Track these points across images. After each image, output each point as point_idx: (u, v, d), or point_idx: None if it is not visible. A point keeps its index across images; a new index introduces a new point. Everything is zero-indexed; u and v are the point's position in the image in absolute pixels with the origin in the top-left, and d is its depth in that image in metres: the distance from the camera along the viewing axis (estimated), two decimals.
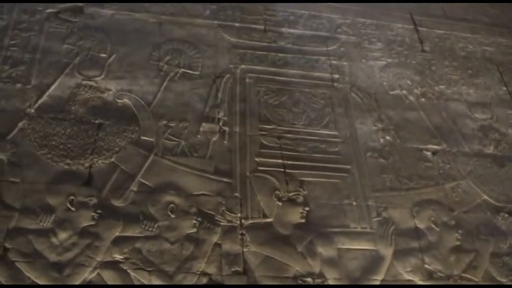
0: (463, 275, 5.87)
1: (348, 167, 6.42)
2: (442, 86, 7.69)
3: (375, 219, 6.06)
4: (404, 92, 7.42)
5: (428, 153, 6.82)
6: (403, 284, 5.71)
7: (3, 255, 5.19)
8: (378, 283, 5.65)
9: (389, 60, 7.84)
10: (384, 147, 6.71)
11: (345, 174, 6.34)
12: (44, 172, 5.73)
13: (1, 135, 5.89)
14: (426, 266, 5.87)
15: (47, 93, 6.33)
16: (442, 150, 6.90)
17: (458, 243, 6.13)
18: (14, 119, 6.04)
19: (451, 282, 5.81)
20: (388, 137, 6.80)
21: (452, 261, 5.99)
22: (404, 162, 6.64)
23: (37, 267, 5.17)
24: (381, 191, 6.30)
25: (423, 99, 7.42)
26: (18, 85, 6.33)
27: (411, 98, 7.37)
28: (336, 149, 6.55)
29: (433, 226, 6.18)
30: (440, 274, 5.86)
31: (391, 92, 7.39)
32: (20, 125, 6.00)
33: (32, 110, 6.15)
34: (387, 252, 5.86)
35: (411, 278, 5.77)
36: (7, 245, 5.24)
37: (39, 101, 6.25)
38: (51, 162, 5.80)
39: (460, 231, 6.20)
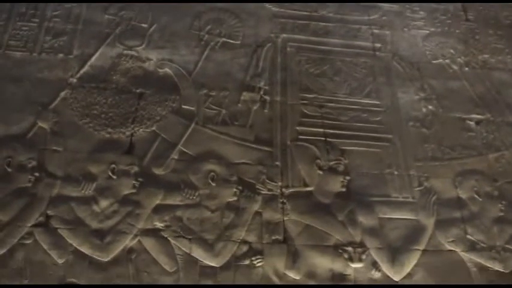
0: (505, 246, 5.79)
1: (390, 136, 6.36)
2: (486, 55, 7.51)
3: (417, 189, 6.00)
4: (447, 61, 7.29)
5: (472, 123, 6.70)
6: (446, 252, 5.67)
7: (46, 222, 5.31)
8: (419, 253, 5.61)
9: (432, 29, 7.69)
10: (426, 117, 6.62)
11: (386, 144, 6.29)
12: (86, 141, 5.83)
13: (44, 104, 6.02)
14: (468, 236, 5.80)
15: (89, 63, 6.43)
16: (485, 120, 6.77)
17: (501, 214, 6.03)
18: (56, 88, 6.17)
19: (493, 252, 5.72)
20: (430, 107, 6.70)
21: (495, 232, 5.90)
22: (446, 132, 6.54)
23: (79, 234, 5.29)
24: (422, 161, 6.23)
25: (466, 69, 7.27)
26: (61, 55, 6.44)
27: (454, 67, 7.24)
28: (378, 119, 6.48)
29: (476, 196, 6.09)
30: (482, 245, 5.78)
31: (434, 61, 7.26)
32: (62, 94, 6.11)
33: (74, 80, 6.24)
34: (429, 222, 5.81)
35: (453, 249, 5.72)
36: (50, 212, 5.38)
37: (81, 71, 6.35)
38: (92, 131, 5.90)
39: (503, 202, 6.10)
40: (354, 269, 5.45)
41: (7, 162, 5.57)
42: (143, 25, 6.88)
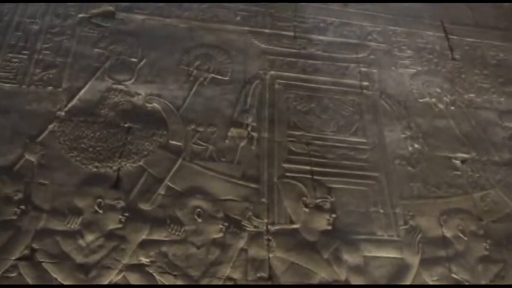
0: (490, 284, 5.79)
1: (376, 174, 6.39)
2: (472, 94, 7.59)
3: (402, 227, 6.01)
4: (433, 99, 7.36)
5: (457, 162, 6.75)
6: None
7: (30, 256, 5.27)
8: None
9: (419, 68, 7.79)
10: (413, 155, 6.66)
11: (372, 182, 6.31)
12: (73, 174, 5.81)
13: (31, 137, 6.00)
14: (453, 275, 5.80)
15: (78, 97, 6.43)
16: (471, 159, 6.82)
17: (486, 253, 6.04)
18: (44, 121, 6.16)
19: None
20: (416, 145, 6.75)
21: (479, 271, 5.91)
22: (432, 170, 6.58)
23: (64, 268, 5.24)
24: (408, 199, 6.26)
25: (453, 107, 7.34)
26: (50, 88, 6.45)
27: (440, 105, 7.31)
28: (364, 156, 6.52)
29: (461, 235, 6.10)
30: (467, 283, 5.78)
31: (421, 100, 7.33)
32: (51, 127, 6.11)
33: (63, 113, 6.25)
34: (414, 260, 5.81)
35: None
36: (35, 245, 5.32)
37: (70, 104, 6.35)
38: (80, 165, 5.88)
39: (488, 241, 6.11)
40: None
41: None
42: (132, 59, 6.91)
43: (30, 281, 5.13)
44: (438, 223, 6.15)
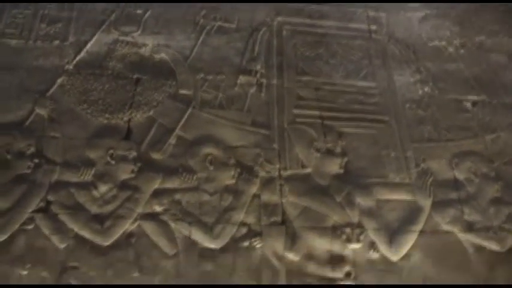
0: (502, 226, 5.81)
1: (386, 118, 6.38)
2: (482, 37, 7.51)
3: (414, 170, 6.03)
4: (443, 43, 7.29)
5: (468, 105, 6.71)
6: (443, 233, 5.72)
7: (46, 208, 5.35)
8: (416, 234, 5.64)
9: (428, 11, 7.67)
10: (423, 99, 6.63)
11: (383, 126, 6.31)
12: (84, 127, 5.85)
13: (41, 91, 6.03)
14: (465, 217, 5.83)
15: (85, 50, 6.43)
16: (481, 102, 6.78)
17: (497, 194, 6.06)
18: (52, 75, 6.18)
19: (490, 233, 5.76)
20: (426, 89, 6.72)
21: (491, 213, 5.93)
22: (443, 113, 6.56)
23: (79, 219, 5.32)
24: (419, 142, 6.26)
25: (463, 50, 7.27)
26: (56, 42, 6.45)
27: (450, 49, 7.25)
28: (374, 101, 6.50)
29: (473, 177, 6.11)
30: (479, 225, 5.81)
31: (430, 44, 7.27)
32: (59, 81, 6.12)
33: (71, 67, 6.26)
34: (426, 203, 5.83)
35: (450, 229, 5.76)
36: (50, 198, 5.40)
37: (77, 58, 6.35)
38: (90, 117, 5.92)
39: (499, 183, 6.13)
40: (352, 249, 5.49)
41: (6, 150, 5.58)
42: (138, 11, 6.86)
43: (47, 233, 5.23)
44: (449, 166, 6.16)
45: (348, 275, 5.39)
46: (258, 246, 5.37)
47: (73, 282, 5.08)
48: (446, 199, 5.93)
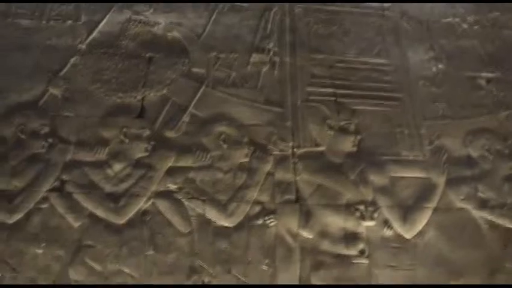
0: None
1: (400, 95, 6.34)
2: (496, 13, 7.42)
3: (428, 148, 6.01)
4: (457, 19, 7.21)
5: (482, 82, 6.66)
6: (457, 210, 5.72)
7: (60, 187, 5.40)
8: (430, 211, 5.65)
9: None
10: (436, 76, 6.58)
11: (396, 103, 6.27)
12: (97, 106, 5.87)
13: (54, 71, 6.04)
14: (479, 194, 5.82)
15: (97, 29, 6.41)
16: (496, 79, 6.71)
17: None
18: (65, 55, 6.18)
19: (504, 210, 5.76)
20: (440, 66, 6.66)
21: (506, 190, 5.92)
22: (457, 90, 6.51)
23: (93, 198, 5.38)
24: (433, 120, 6.22)
25: (476, 27, 7.20)
26: (69, 22, 6.43)
27: (464, 25, 7.16)
28: (388, 78, 6.45)
29: (487, 155, 6.08)
30: (493, 202, 5.81)
31: (443, 20, 7.18)
32: (72, 61, 6.13)
33: (83, 46, 6.25)
34: (440, 180, 5.82)
35: (464, 206, 5.76)
36: (64, 177, 5.46)
37: (90, 37, 6.35)
38: (103, 96, 5.93)
39: None
40: (366, 227, 5.51)
41: (20, 129, 5.62)
42: None
43: (61, 211, 5.29)
44: (463, 143, 6.13)
45: (361, 252, 5.41)
46: (272, 224, 5.39)
47: (88, 260, 5.14)
48: (460, 176, 5.91)
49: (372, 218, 5.52)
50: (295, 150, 5.79)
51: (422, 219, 5.61)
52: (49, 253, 5.16)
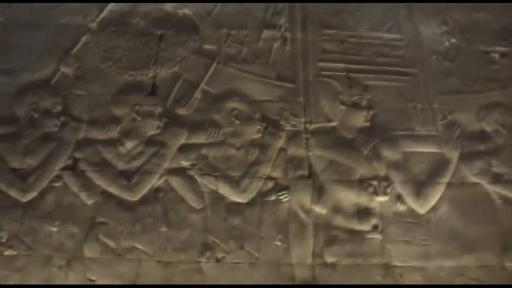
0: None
1: (412, 70, 6.28)
2: None
3: (440, 122, 5.96)
4: None
5: (496, 56, 6.56)
6: (471, 185, 5.68)
7: (73, 165, 5.47)
8: (443, 186, 5.62)
9: None
10: (449, 50, 6.51)
11: (409, 78, 6.22)
12: (109, 84, 5.92)
13: (65, 50, 6.10)
14: (493, 169, 5.77)
15: (108, 8, 6.41)
16: (509, 52, 6.60)
17: None
18: (76, 34, 6.23)
19: None
20: (453, 40, 6.58)
21: None
22: (470, 64, 6.44)
23: (106, 175, 5.43)
24: (446, 94, 6.16)
25: None
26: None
27: None
28: (400, 53, 6.39)
29: (500, 129, 6.02)
30: (507, 177, 5.75)
31: None
32: (83, 39, 6.17)
33: (94, 24, 6.28)
34: (453, 155, 5.79)
35: (478, 181, 5.71)
36: (77, 155, 5.53)
37: (101, 15, 6.35)
38: (115, 75, 5.98)
39: None
40: (379, 202, 5.51)
41: (33, 108, 5.68)
42: None
43: (75, 189, 5.37)
44: (477, 118, 6.07)
45: (375, 227, 5.42)
46: (285, 200, 5.41)
47: (101, 237, 5.21)
48: (473, 151, 5.87)
49: (385, 193, 5.52)
50: (307, 125, 5.78)
51: (436, 194, 5.59)
52: (63, 231, 5.23)
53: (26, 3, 6.36)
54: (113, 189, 5.37)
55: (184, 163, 5.50)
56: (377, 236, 5.39)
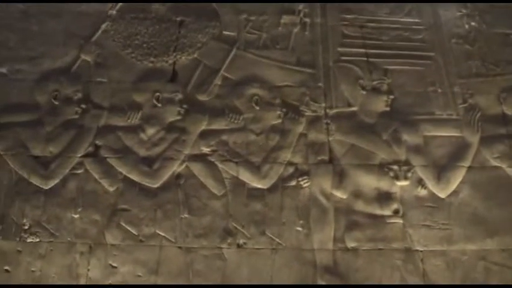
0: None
1: (432, 54, 6.26)
2: None
3: (461, 106, 5.94)
4: None
5: None
6: (492, 168, 5.66)
7: (95, 152, 5.50)
8: (464, 170, 5.61)
9: None
10: (470, 33, 6.47)
11: (429, 62, 6.20)
12: (129, 71, 5.94)
13: (85, 37, 6.13)
14: None
15: None
16: None
17: None
18: (96, 21, 6.26)
19: None
20: (473, 23, 6.55)
21: None
22: (490, 48, 6.40)
23: (128, 162, 5.46)
24: (466, 78, 6.13)
25: None
26: None
27: None
28: (420, 37, 6.37)
29: None
30: None
31: None
32: (103, 27, 6.19)
33: (114, 12, 6.29)
34: (474, 138, 5.77)
35: (498, 165, 5.69)
36: (98, 142, 5.56)
37: (120, 3, 6.34)
38: (135, 61, 5.99)
39: None
40: (400, 187, 5.50)
41: (54, 96, 5.71)
42: None
43: (96, 176, 5.41)
44: (497, 101, 6.04)
45: (396, 212, 5.41)
46: (305, 185, 5.42)
47: (123, 224, 5.24)
48: (494, 134, 5.84)
49: (405, 178, 5.51)
50: (327, 110, 5.78)
51: (457, 178, 5.58)
52: (85, 217, 5.27)
53: None
54: (134, 176, 5.39)
55: (205, 149, 5.52)
56: (398, 221, 5.38)
